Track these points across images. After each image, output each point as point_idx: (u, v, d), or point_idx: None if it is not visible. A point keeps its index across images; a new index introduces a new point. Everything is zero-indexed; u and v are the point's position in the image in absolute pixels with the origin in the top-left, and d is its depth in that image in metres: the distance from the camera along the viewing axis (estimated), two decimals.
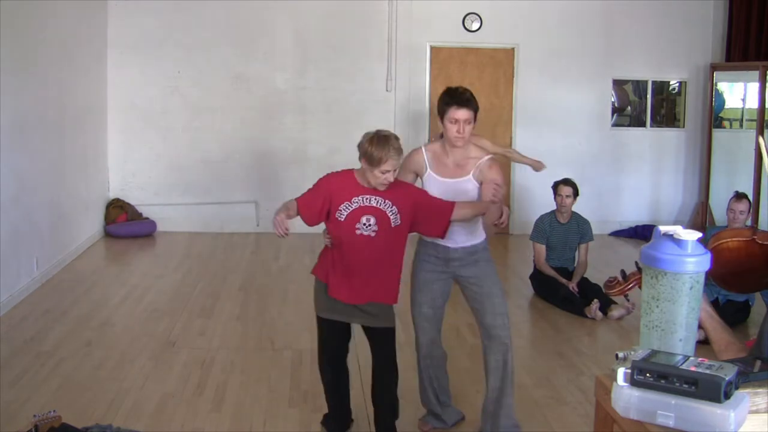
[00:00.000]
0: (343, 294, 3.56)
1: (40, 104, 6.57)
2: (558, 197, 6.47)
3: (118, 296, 6.33)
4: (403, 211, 3.52)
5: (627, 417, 1.63)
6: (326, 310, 3.64)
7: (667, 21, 9.16)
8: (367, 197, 3.50)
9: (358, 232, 3.49)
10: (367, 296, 3.57)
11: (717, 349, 2.02)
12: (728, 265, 2.01)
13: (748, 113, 9.21)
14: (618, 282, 2.17)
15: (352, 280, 3.55)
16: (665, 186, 9.49)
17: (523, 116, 9.14)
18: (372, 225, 3.49)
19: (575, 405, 4.30)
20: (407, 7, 8.87)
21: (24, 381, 4.43)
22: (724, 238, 2.02)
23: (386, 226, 3.50)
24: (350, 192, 3.51)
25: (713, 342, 2.02)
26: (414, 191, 3.64)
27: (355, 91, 8.93)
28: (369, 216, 3.49)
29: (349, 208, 3.49)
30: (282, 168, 8.97)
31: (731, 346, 1.98)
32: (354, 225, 3.49)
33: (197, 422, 4.00)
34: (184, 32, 8.70)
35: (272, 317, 5.81)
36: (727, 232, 2.05)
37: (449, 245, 3.69)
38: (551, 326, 5.79)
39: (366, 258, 3.52)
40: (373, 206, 3.50)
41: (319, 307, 3.68)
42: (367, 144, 3.45)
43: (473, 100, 3.60)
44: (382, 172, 3.41)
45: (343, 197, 3.50)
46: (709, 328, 2.02)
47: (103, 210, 8.59)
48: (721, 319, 2.09)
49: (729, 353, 1.98)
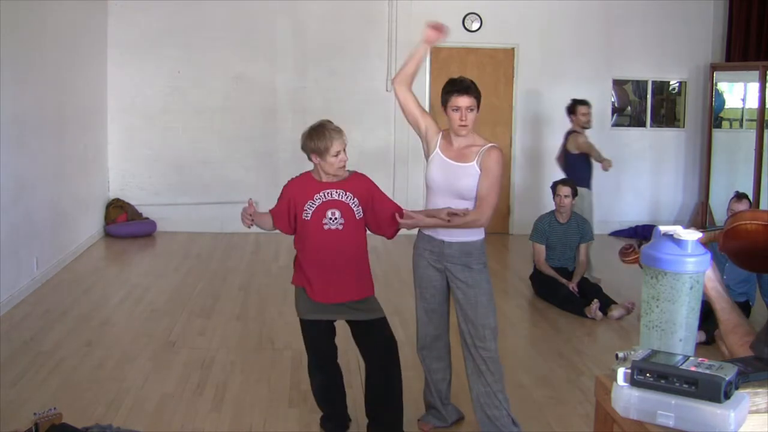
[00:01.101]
0: (327, 295, 3.59)
1: (40, 104, 6.57)
2: (557, 197, 6.47)
3: (118, 296, 6.33)
4: (362, 202, 3.61)
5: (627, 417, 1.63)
6: (310, 312, 3.65)
7: (667, 21, 9.17)
8: (328, 191, 3.57)
9: (326, 227, 3.55)
10: (349, 294, 3.62)
11: (724, 329, 2.00)
12: (744, 244, 2.00)
13: (748, 113, 9.21)
14: (634, 250, 2.16)
15: (330, 277, 3.58)
16: (665, 186, 9.49)
17: (523, 116, 9.15)
18: (338, 218, 3.56)
19: (575, 405, 4.31)
20: (407, 7, 8.86)
21: (24, 381, 4.43)
22: (744, 219, 2.01)
23: (352, 218, 3.59)
24: (311, 190, 3.58)
25: (721, 322, 2.01)
26: (371, 184, 3.69)
27: (355, 91, 8.93)
28: (333, 210, 3.56)
29: (313, 206, 3.56)
30: (282, 168, 8.96)
31: (738, 328, 1.97)
32: (321, 221, 3.55)
33: (197, 422, 4.00)
34: (184, 32, 8.70)
35: (272, 317, 5.81)
36: (747, 213, 2.04)
37: (444, 239, 3.67)
38: (551, 326, 5.79)
39: (338, 252, 3.58)
40: (336, 199, 3.57)
41: (302, 311, 3.68)
42: (307, 141, 3.54)
43: (474, 87, 3.63)
44: (335, 155, 3.50)
45: (305, 197, 3.57)
46: (718, 308, 2.01)
47: (103, 210, 8.60)
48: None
49: (735, 336, 1.97)
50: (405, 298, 4.01)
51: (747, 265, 2.16)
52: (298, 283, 3.68)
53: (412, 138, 8.57)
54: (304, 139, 3.57)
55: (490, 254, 3.97)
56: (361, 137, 8.62)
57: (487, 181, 3.56)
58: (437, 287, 3.77)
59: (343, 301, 3.62)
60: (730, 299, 2.03)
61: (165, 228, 8.78)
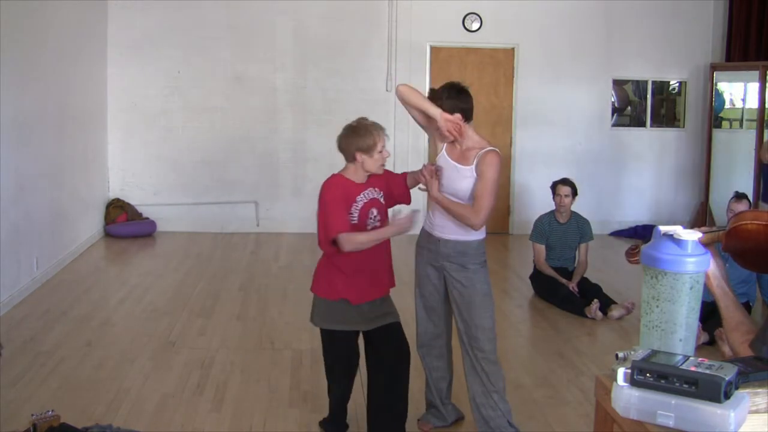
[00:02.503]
0: (368, 293, 3.59)
1: (40, 104, 6.57)
2: (557, 197, 6.47)
3: (118, 296, 6.33)
4: (385, 193, 3.66)
5: (627, 417, 1.63)
6: (343, 323, 3.61)
7: (667, 21, 9.16)
8: (366, 192, 3.58)
9: (369, 227, 3.57)
10: (384, 288, 3.67)
11: (727, 327, 2.02)
12: (746, 244, 2.01)
13: (748, 113, 9.20)
14: (640, 251, 2.16)
15: (372, 275, 3.60)
16: (665, 186, 9.49)
17: (523, 116, 9.15)
18: (376, 216, 3.60)
19: (575, 405, 4.31)
20: (407, 7, 8.87)
21: (24, 381, 4.43)
22: (745, 219, 2.02)
23: (384, 212, 3.64)
24: (352, 193, 3.55)
25: (724, 319, 2.02)
26: (385, 172, 3.70)
27: (355, 91, 8.93)
28: (373, 209, 3.59)
29: (358, 208, 3.54)
30: (282, 168, 8.98)
31: (741, 326, 1.98)
32: (365, 222, 3.57)
33: (197, 422, 4.00)
34: (184, 32, 8.70)
35: (272, 317, 5.81)
36: (749, 213, 2.04)
37: (441, 236, 3.69)
38: (551, 326, 5.79)
39: (379, 248, 3.59)
40: (373, 198, 3.60)
41: (332, 321, 3.62)
42: (352, 140, 3.51)
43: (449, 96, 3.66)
44: (381, 150, 3.52)
45: (350, 201, 3.54)
46: (722, 306, 2.02)
47: (103, 210, 8.60)
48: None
49: (738, 333, 1.98)
50: (405, 297, 4.00)
51: (750, 265, 2.17)
52: (332, 296, 3.58)
53: (413, 138, 8.63)
54: (347, 140, 3.52)
55: (490, 254, 3.97)
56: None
57: (481, 184, 3.56)
58: (435, 285, 3.78)
59: (381, 296, 3.65)
60: (735, 297, 2.04)
61: (165, 228, 8.78)
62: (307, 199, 8.94)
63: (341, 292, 3.57)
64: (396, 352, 3.68)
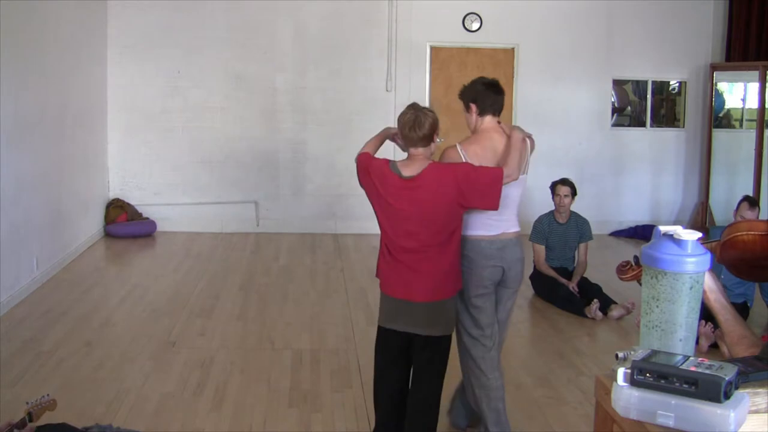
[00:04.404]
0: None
1: (40, 104, 6.57)
2: (556, 197, 6.47)
3: (118, 296, 6.33)
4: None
5: (627, 417, 1.63)
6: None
7: (667, 21, 9.17)
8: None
9: None
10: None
11: (729, 341, 1.98)
12: (741, 255, 2.00)
13: (748, 113, 9.21)
14: (631, 267, 2.16)
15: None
16: (665, 186, 9.49)
17: (523, 116, 9.13)
18: None
19: (575, 405, 4.31)
20: (407, 7, 8.87)
21: (24, 381, 4.43)
22: (740, 230, 2.01)
23: None
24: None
25: (725, 334, 1.99)
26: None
27: (355, 91, 8.93)
28: None
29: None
30: (282, 168, 8.98)
31: (744, 339, 1.95)
32: None
33: (197, 422, 4.00)
34: (184, 32, 8.70)
35: (272, 317, 5.81)
36: (743, 224, 2.03)
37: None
38: (551, 326, 5.79)
39: None
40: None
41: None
42: (434, 119, 3.49)
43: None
44: None
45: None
46: (722, 320, 1.99)
47: (103, 210, 8.60)
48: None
49: (741, 347, 1.95)
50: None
51: (745, 276, 2.16)
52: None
53: None
54: (432, 118, 3.49)
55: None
56: (361, 137, 8.59)
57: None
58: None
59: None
60: (734, 310, 2.02)
61: (165, 228, 8.78)
62: (307, 199, 8.95)
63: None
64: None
